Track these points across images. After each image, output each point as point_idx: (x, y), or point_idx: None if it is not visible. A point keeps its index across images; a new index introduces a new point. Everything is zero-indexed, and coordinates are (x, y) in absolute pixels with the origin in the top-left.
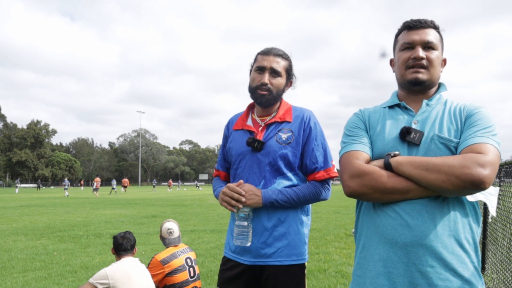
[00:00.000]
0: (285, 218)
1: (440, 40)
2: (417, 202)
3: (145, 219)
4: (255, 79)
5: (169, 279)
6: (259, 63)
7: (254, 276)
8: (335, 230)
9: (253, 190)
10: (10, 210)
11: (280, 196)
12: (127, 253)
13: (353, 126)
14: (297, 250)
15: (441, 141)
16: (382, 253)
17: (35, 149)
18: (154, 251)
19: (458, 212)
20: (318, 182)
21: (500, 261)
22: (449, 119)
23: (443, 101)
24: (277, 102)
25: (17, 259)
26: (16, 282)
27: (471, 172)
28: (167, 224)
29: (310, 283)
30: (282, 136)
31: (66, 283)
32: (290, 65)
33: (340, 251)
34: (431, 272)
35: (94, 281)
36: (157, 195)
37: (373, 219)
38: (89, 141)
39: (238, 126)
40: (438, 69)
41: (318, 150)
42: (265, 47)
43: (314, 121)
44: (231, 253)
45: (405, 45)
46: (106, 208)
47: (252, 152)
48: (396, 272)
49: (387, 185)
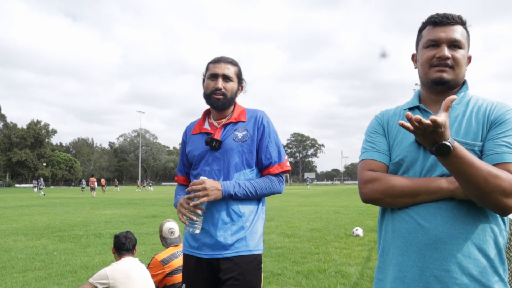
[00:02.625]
0: (242, 213)
1: (467, 38)
2: (430, 205)
3: (145, 219)
4: (209, 85)
5: (169, 279)
6: (212, 70)
7: (213, 269)
8: (335, 230)
9: (214, 185)
10: (10, 210)
11: (237, 188)
12: (128, 253)
13: (372, 131)
14: (253, 242)
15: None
16: (398, 257)
17: (35, 149)
18: (154, 251)
19: (477, 215)
20: (273, 176)
21: None
22: (469, 120)
23: (465, 101)
24: (231, 105)
25: (17, 259)
26: (16, 282)
27: (506, 203)
28: (168, 224)
29: (310, 283)
30: (238, 134)
31: (66, 283)
32: (240, 70)
33: (340, 251)
34: (446, 277)
35: (94, 281)
36: (157, 195)
37: (391, 224)
38: (89, 141)
39: (196, 131)
40: (464, 69)
41: (272, 146)
42: (215, 57)
43: (267, 120)
44: (190, 249)
45: (430, 42)
46: (106, 208)
47: (211, 151)
48: (410, 277)
49: (395, 190)
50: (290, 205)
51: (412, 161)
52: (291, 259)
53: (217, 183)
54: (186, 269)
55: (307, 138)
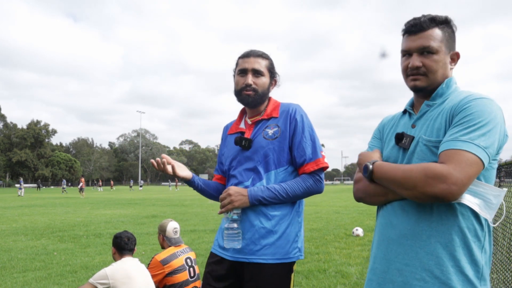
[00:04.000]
0: (273, 216)
1: (445, 38)
2: (401, 203)
3: (145, 219)
4: (239, 81)
5: (169, 279)
6: (241, 66)
7: (236, 272)
8: (335, 230)
9: (239, 191)
10: (10, 210)
11: (267, 193)
12: (130, 253)
13: (372, 136)
14: (283, 249)
15: (424, 143)
16: (374, 250)
17: (35, 149)
18: (154, 251)
19: (444, 214)
20: (308, 175)
21: (500, 261)
22: (441, 117)
23: (446, 98)
24: (264, 101)
25: (17, 259)
26: (16, 282)
27: (432, 190)
28: (172, 223)
29: (310, 283)
30: (269, 131)
31: (66, 283)
32: (272, 64)
33: (340, 251)
34: (407, 271)
35: (94, 281)
36: (157, 195)
37: (377, 221)
38: (89, 141)
39: (232, 130)
40: (440, 72)
41: (306, 142)
42: (245, 51)
43: (301, 113)
44: (218, 248)
45: (403, 53)
46: (106, 208)
47: (242, 150)
48: (380, 268)
49: (370, 189)
50: None
51: (394, 161)
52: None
53: (243, 190)
54: (208, 266)
55: None
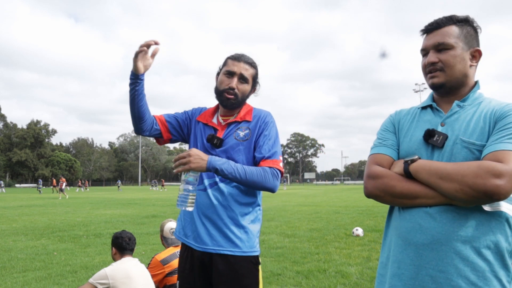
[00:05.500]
0: (240, 211)
1: (461, 35)
2: (432, 207)
3: (145, 219)
4: (224, 82)
5: (169, 279)
6: (229, 67)
7: (204, 263)
8: (335, 230)
9: (199, 155)
10: (10, 210)
11: (226, 165)
12: (131, 253)
13: (383, 129)
14: (249, 243)
15: (464, 145)
16: (397, 254)
17: (35, 149)
18: (154, 251)
19: (477, 219)
20: (268, 167)
21: None
22: (477, 120)
23: (478, 102)
24: (240, 106)
25: (17, 259)
26: (16, 282)
27: (484, 183)
28: (169, 223)
29: (310, 283)
30: (240, 133)
31: (66, 283)
32: (257, 73)
33: (340, 251)
34: (442, 278)
35: (94, 281)
36: (157, 195)
37: (395, 222)
38: (89, 141)
39: (202, 119)
40: (458, 68)
41: (268, 143)
42: (236, 53)
43: (270, 120)
44: (183, 237)
45: (422, 52)
46: (106, 208)
47: (212, 148)
48: (407, 275)
49: (396, 190)
50: (290, 205)
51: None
52: (291, 259)
53: (204, 154)
54: (179, 262)
55: (307, 138)
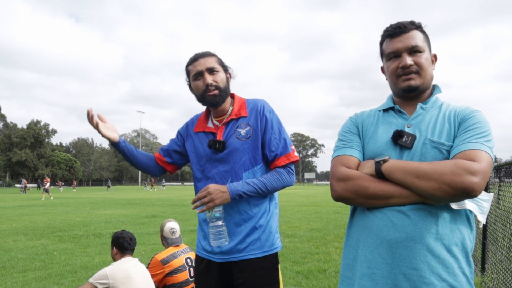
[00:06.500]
0: (254, 212)
1: (425, 39)
2: (402, 207)
3: (145, 219)
4: (199, 85)
5: (169, 279)
6: (194, 71)
7: (225, 272)
8: (335, 230)
9: (218, 188)
10: (10, 210)
11: (246, 187)
12: (131, 252)
13: (345, 131)
14: (268, 241)
15: (433, 145)
16: (367, 254)
17: (35, 149)
18: (154, 251)
19: (446, 217)
20: (281, 168)
21: (500, 261)
22: (442, 122)
23: (438, 104)
24: (227, 97)
25: (17, 259)
26: (16, 282)
27: (461, 180)
28: (169, 223)
29: (310, 283)
30: (241, 131)
31: (66, 283)
32: (220, 58)
33: (340, 251)
34: (415, 275)
35: (94, 281)
36: (157, 195)
37: (363, 221)
38: (89, 141)
39: (199, 128)
40: (429, 70)
41: (276, 137)
42: (189, 59)
43: (269, 109)
44: (203, 251)
45: (391, 55)
46: (106, 208)
47: (215, 153)
48: (379, 274)
49: (369, 191)
50: (290, 205)
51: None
52: (291, 259)
53: (222, 186)
54: (197, 271)
55: (307, 138)
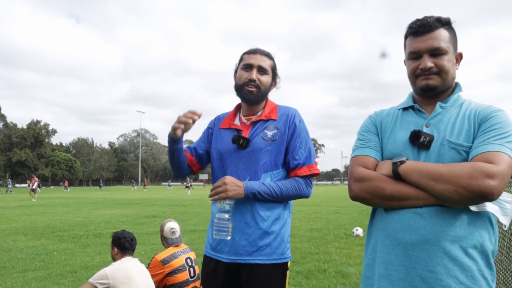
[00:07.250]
0: (268, 217)
1: (451, 39)
2: (418, 209)
3: (145, 219)
4: (242, 76)
5: (169, 279)
6: (246, 61)
7: (233, 274)
8: (335, 230)
9: (234, 182)
10: (10, 210)
11: (263, 187)
12: (131, 253)
13: (364, 130)
14: (279, 249)
15: (452, 146)
16: (385, 255)
17: (35, 149)
18: (154, 251)
19: (464, 219)
20: (300, 178)
21: (500, 261)
22: (462, 122)
23: (459, 103)
24: (263, 100)
25: (17, 259)
26: (16, 282)
27: (478, 183)
28: (169, 224)
29: (310, 283)
30: (268, 133)
31: (66, 283)
32: (275, 65)
33: (340, 251)
34: (432, 278)
35: (94, 281)
36: (157, 195)
37: (381, 222)
38: (89, 141)
39: (225, 125)
40: (451, 72)
41: (302, 147)
42: (251, 47)
43: (299, 118)
44: (211, 251)
45: (412, 55)
46: (106, 208)
47: (238, 149)
48: (396, 275)
49: (385, 192)
50: None
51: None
52: (291, 259)
53: (239, 181)
54: (204, 272)
55: None
